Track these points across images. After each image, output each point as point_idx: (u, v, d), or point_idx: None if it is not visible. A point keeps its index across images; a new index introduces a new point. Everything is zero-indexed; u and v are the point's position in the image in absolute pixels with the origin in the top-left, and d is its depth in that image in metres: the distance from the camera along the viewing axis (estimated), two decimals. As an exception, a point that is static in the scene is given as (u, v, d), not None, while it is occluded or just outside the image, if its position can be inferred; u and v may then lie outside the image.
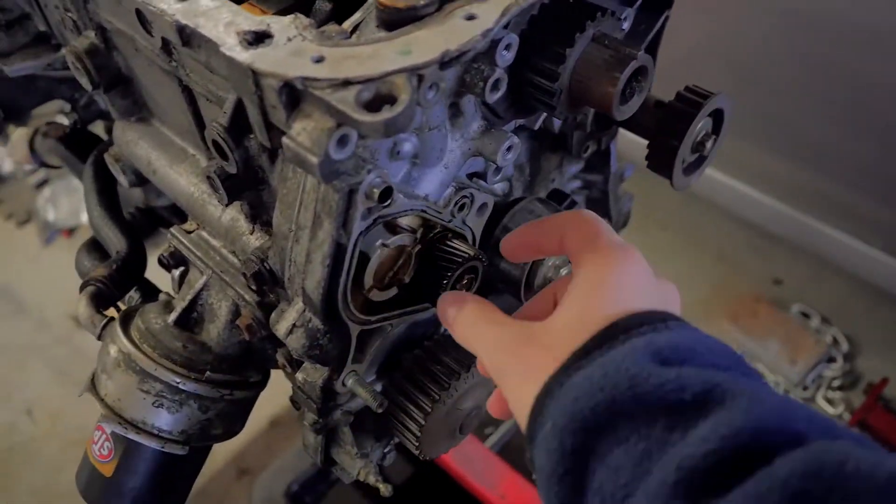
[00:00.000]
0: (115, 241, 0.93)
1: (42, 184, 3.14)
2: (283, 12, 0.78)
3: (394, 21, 0.56)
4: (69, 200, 3.04)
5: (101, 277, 0.87)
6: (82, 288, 0.87)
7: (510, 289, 0.79)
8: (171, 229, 0.83)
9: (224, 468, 2.32)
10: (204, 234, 0.81)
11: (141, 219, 1.04)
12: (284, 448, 2.27)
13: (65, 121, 1.27)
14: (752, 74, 2.41)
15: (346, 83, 0.50)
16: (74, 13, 0.81)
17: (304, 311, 0.66)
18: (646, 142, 0.82)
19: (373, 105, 0.50)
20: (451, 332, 0.62)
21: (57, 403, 2.53)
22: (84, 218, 3.00)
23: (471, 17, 0.55)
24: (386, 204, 0.59)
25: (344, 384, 0.71)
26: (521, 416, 0.51)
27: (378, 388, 0.78)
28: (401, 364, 0.78)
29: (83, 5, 0.78)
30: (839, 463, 0.37)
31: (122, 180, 0.95)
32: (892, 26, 2.01)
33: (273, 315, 0.72)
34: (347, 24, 0.59)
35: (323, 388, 0.71)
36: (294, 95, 0.53)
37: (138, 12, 0.63)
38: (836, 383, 2.31)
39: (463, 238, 0.73)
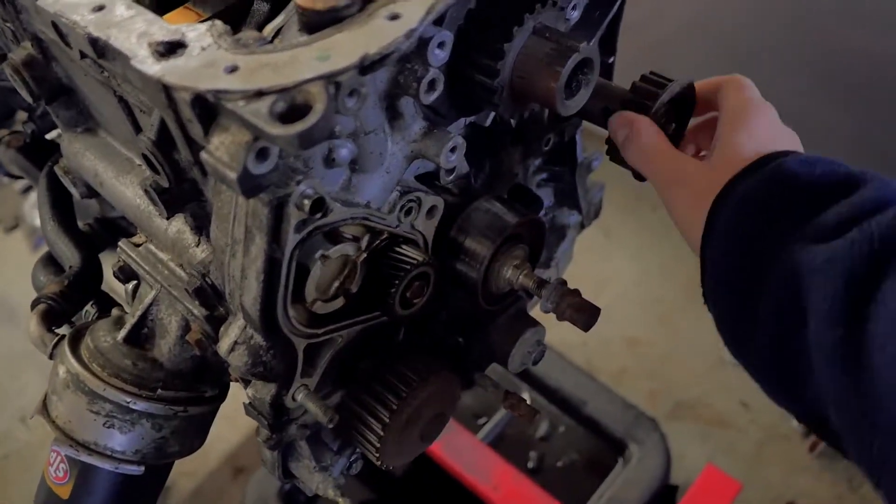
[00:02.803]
0: (69, 255, 0.90)
1: (28, 189, 3.10)
2: (220, 14, 0.76)
3: (314, 24, 0.53)
4: (55, 204, 3.01)
5: (52, 294, 0.85)
6: (33, 305, 0.85)
7: (467, 292, 0.76)
8: (120, 243, 0.81)
9: (219, 467, 2.30)
10: (152, 247, 0.79)
11: (99, 230, 1.01)
12: (278, 446, 2.26)
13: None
14: (743, 52, 2.36)
15: (260, 94, 0.48)
16: (11, 23, 0.79)
17: (245, 327, 0.64)
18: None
19: (288, 116, 0.47)
20: (622, 150, 0.74)
21: (50, 410, 2.52)
22: (72, 221, 2.97)
23: (394, 17, 0.52)
24: (319, 215, 0.57)
25: (294, 399, 0.69)
26: (691, 235, 0.67)
27: (336, 398, 0.76)
28: (358, 374, 0.75)
29: (16, 16, 0.76)
30: None
31: (74, 192, 0.93)
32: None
33: (222, 329, 0.69)
34: (269, 29, 0.57)
35: (272, 404, 0.69)
36: (209, 108, 0.50)
37: (54, 24, 0.60)
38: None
39: (413, 243, 0.70)
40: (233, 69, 0.49)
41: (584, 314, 0.71)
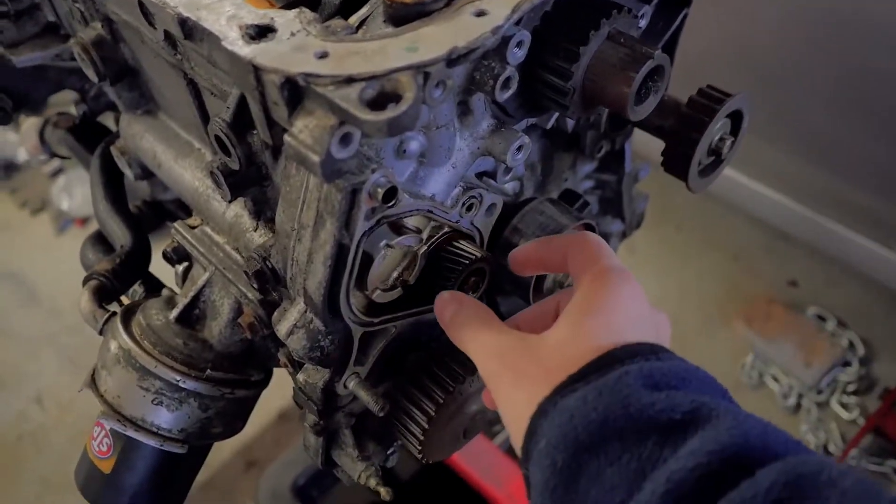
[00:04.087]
0: (120, 235, 0.92)
1: (57, 173, 3.14)
2: (290, 4, 0.77)
3: (401, 16, 0.54)
4: (83, 190, 3.04)
5: (104, 272, 0.86)
6: (85, 281, 0.86)
7: (519, 291, 0.77)
8: (175, 224, 0.82)
9: (231, 460, 2.32)
10: (208, 229, 0.80)
11: (147, 212, 1.03)
12: (292, 441, 2.27)
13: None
14: (771, 72, 2.37)
15: (350, 80, 0.49)
16: (82, 4, 0.80)
17: (306, 311, 0.65)
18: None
19: (377, 103, 0.48)
20: (447, 331, 0.63)
21: (67, 393, 2.54)
22: (98, 207, 2.99)
23: (481, 13, 0.53)
24: (390, 204, 0.58)
25: (345, 386, 0.70)
26: (513, 429, 0.54)
27: (381, 389, 0.77)
28: (405, 366, 0.76)
29: (90, -4, 0.77)
30: (814, 473, 0.42)
31: (129, 173, 0.94)
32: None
33: (275, 314, 0.70)
34: (354, 19, 0.58)
35: (324, 389, 0.70)
36: (296, 92, 0.51)
37: (140, 4, 0.61)
38: (851, 388, 2.27)
39: (471, 239, 0.71)
40: (323, 55, 0.50)
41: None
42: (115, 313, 0.81)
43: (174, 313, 0.79)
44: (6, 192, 3.21)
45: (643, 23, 0.72)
